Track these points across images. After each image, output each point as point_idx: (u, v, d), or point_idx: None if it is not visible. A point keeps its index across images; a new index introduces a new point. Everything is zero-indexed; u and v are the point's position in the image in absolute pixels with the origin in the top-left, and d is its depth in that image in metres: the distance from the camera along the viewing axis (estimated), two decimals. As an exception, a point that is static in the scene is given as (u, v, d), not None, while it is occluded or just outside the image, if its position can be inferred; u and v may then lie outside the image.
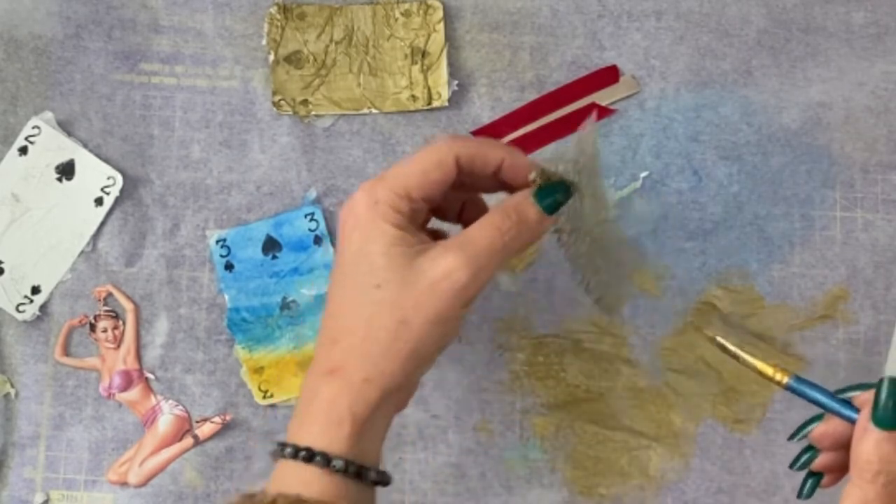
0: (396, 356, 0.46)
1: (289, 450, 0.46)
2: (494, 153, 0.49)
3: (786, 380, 0.48)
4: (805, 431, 0.49)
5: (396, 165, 0.48)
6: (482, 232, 0.48)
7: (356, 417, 0.46)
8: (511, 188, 0.51)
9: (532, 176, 0.49)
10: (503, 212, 0.49)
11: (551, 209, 0.49)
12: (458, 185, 0.50)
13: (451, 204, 0.53)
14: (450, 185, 0.49)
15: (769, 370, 0.49)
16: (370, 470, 0.46)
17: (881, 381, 0.45)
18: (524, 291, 0.61)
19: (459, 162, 0.48)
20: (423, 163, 0.48)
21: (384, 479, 0.47)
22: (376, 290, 0.46)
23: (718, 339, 0.50)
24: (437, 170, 0.48)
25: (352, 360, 0.46)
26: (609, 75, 0.62)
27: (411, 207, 0.48)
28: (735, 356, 0.50)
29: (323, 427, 0.46)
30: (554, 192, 0.50)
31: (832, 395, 0.48)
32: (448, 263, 0.46)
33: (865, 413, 0.45)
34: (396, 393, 0.47)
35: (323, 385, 0.47)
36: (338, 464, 0.45)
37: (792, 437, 0.50)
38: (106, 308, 0.61)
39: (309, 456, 0.45)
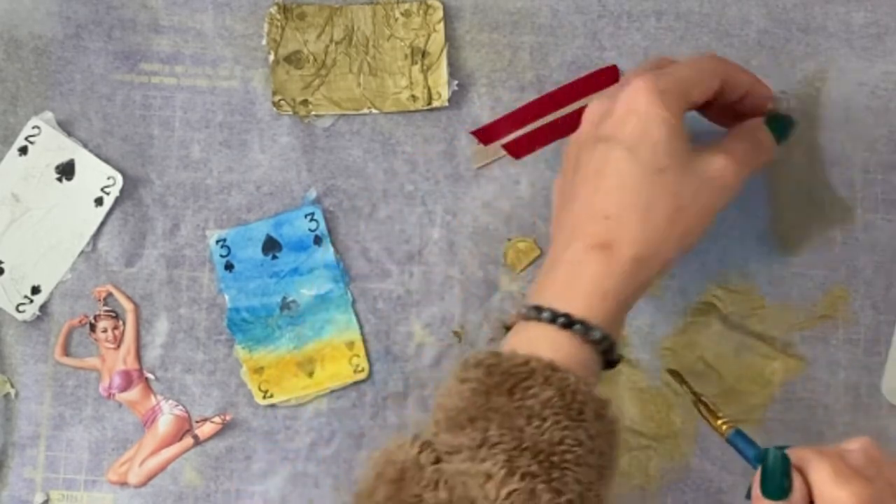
0: (669, 239, 0.48)
1: (547, 313, 0.46)
2: (745, 79, 0.53)
3: (728, 433, 0.52)
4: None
5: (674, 67, 0.51)
6: (737, 145, 0.51)
7: (619, 295, 0.47)
8: (740, 115, 0.54)
9: (770, 106, 0.55)
10: (744, 134, 0.53)
11: (781, 139, 0.54)
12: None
13: None
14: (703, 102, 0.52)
15: (717, 421, 0.52)
16: (615, 351, 0.47)
17: (766, 451, 0.47)
18: (524, 291, 0.61)
19: (724, 83, 0.52)
20: (700, 72, 0.51)
21: (618, 361, 0.49)
22: (659, 173, 0.48)
23: (684, 386, 0.55)
24: (708, 82, 0.51)
25: (625, 237, 0.48)
26: (609, 75, 0.62)
27: (686, 108, 0.50)
28: (694, 404, 0.54)
29: (586, 298, 0.47)
30: (785, 124, 0.55)
31: (757, 455, 0.49)
32: (722, 161, 0.50)
33: (757, 479, 0.47)
34: (656, 278, 0.49)
35: (591, 258, 0.47)
36: (596, 334, 0.46)
37: (747, 496, 0.51)
38: (106, 308, 0.61)
39: (568, 322, 0.46)
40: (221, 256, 0.61)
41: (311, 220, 0.61)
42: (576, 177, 0.51)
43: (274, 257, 0.61)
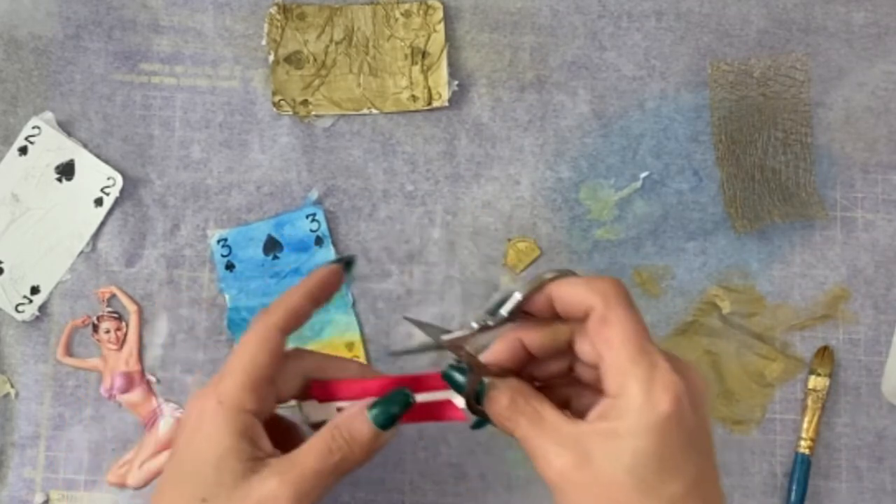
0: None
1: None
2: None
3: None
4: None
5: (232, 359, 0.47)
6: (310, 455, 0.46)
7: None
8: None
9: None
10: (335, 430, 0.46)
11: (386, 425, 0.47)
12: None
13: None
14: (280, 365, 0.47)
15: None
16: None
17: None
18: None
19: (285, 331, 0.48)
20: (251, 349, 0.47)
21: None
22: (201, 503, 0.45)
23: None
24: (264, 351, 0.47)
25: None
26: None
27: (259, 401, 0.46)
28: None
29: None
30: (389, 406, 0.47)
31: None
32: (272, 489, 0.44)
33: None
34: None
35: None
36: None
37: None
38: (109, 309, 0.61)
39: None
40: (222, 256, 0.61)
41: (313, 220, 0.61)
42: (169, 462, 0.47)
43: (275, 257, 0.61)
